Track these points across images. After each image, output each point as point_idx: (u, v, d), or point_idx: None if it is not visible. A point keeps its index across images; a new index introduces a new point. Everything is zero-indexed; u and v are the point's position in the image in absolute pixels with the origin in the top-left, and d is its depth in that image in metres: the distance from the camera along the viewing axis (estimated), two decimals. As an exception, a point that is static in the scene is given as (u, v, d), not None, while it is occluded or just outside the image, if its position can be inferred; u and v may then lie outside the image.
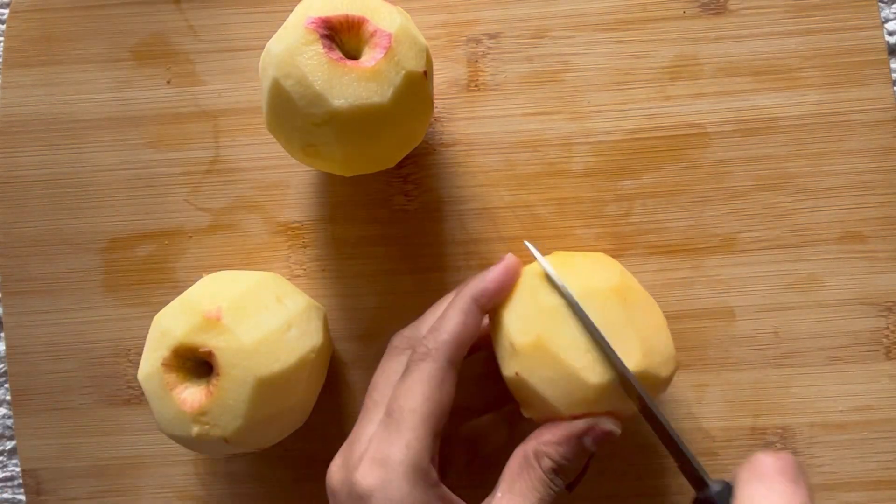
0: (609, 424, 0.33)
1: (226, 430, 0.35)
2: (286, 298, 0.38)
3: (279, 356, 0.36)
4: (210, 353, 0.35)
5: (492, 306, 0.36)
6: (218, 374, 0.35)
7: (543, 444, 0.33)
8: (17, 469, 0.45)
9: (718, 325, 0.43)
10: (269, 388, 0.35)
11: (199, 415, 0.35)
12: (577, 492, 0.42)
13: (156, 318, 0.38)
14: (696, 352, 0.42)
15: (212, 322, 0.35)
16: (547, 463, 0.33)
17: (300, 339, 0.37)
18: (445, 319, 0.35)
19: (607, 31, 0.44)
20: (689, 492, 0.42)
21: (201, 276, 0.40)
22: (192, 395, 0.36)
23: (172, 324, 0.36)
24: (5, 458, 0.46)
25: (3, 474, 0.46)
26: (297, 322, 0.37)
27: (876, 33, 0.43)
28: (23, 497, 0.44)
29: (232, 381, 0.35)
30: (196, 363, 0.36)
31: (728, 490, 0.31)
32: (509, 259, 0.36)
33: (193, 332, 0.35)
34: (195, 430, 0.35)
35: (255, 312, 0.36)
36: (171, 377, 0.36)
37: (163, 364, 0.36)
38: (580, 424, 0.33)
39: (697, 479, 0.33)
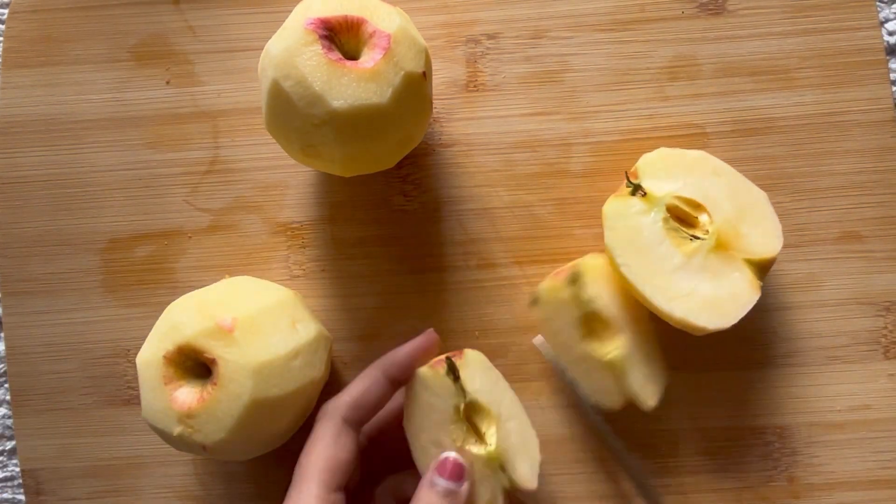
0: (444, 454, 0.37)
1: (207, 438, 0.35)
2: (300, 324, 0.38)
3: (279, 382, 0.36)
4: (213, 361, 0.35)
5: (405, 377, 0.38)
6: (215, 384, 0.35)
7: None
8: (17, 469, 0.45)
9: (717, 324, 0.43)
10: (261, 410, 0.35)
11: (186, 416, 0.35)
12: (575, 492, 0.42)
13: (169, 309, 0.37)
14: (695, 352, 0.42)
15: (223, 332, 0.35)
16: None
17: (303, 369, 0.37)
18: (350, 385, 0.38)
19: (606, 31, 0.44)
20: (690, 490, 0.43)
21: (224, 277, 0.40)
22: (184, 394, 0.36)
23: (184, 321, 0.36)
24: (5, 458, 0.46)
25: (3, 474, 0.46)
26: (304, 351, 0.37)
27: (874, 33, 0.43)
28: (23, 497, 0.44)
29: (227, 394, 0.35)
30: (196, 363, 0.36)
31: None
32: (428, 335, 0.39)
33: (203, 335, 0.35)
34: (178, 429, 0.35)
35: (267, 333, 0.36)
36: (170, 371, 0.36)
37: (164, 357, 0.36)
38: (429, 469, 0.37)
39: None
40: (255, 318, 0.36)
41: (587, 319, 0.39)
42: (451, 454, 0.37)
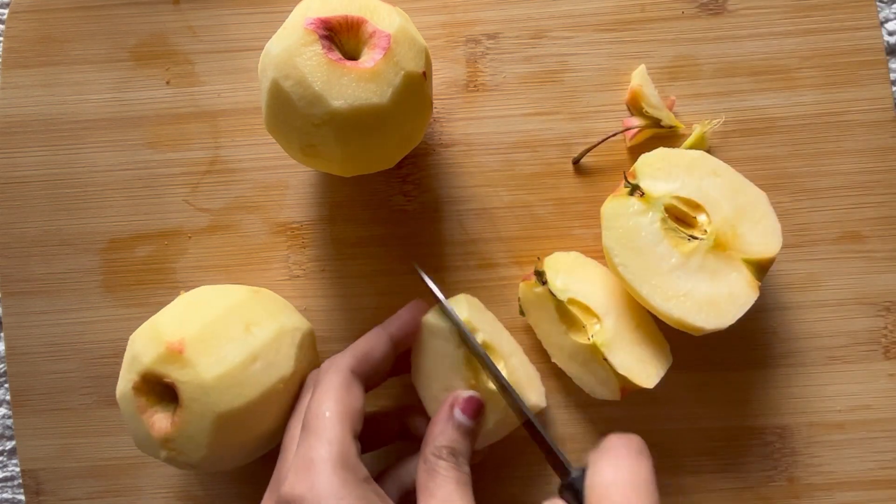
0: (466, 392, 0.37)
1: (191, 457, 0.35)
2: (256, 327, 0.37)
3: (241, 391, 0.35)
4: (173, 385, 0.35)
5: (406, 338, 0.39)
6: (181, 406, 0.35)
7: (430, 441, 0.36)
8: (17, 469, 0.45)
9: (717, 324, 0.43)
10: (231, 423, 0.35)
11: (166, 441, 0.35)
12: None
13: (131, 339, 0.37)
14: (695, 352, 0.42)
15: (174, 354, 0.35)
16: (442, 452, 0.35)
17: (265, 371, 0.36)
18: (354, 344, 0.38)
19: (606, 31, 0.44)
20: (690, 490, 0.43)
21: (180, 293, 0.40)
22: (160, 420, 0.36)
23: (141, 349, 0.36)
24: (5, 458, 0.46)
25: (3, 474, 0.46)
26: (263, 353, 0.37)
27: (874, 34, 0.43)
28: (23, 497, 0.44)
29: (193, 414, 0.35)
30: (165, 387, 0.36)
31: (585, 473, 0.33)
32: (418, 302, 0.40)
33: (158, 361, 0.35)
34: (163, 454, 0.36)
35: (218, 345, 0.36)
36: (142, 400, 0.36)
37: (133, 388, 0.36)
38: (444, 404, 0.37)
39: (561, 467, 0.35)
40: (204, 332, 0.36)
41: (567, 311, 0.39)
42: (470, 392, 0.37)
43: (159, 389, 0.36)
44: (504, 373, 0.38)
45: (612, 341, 0.38)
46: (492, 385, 0.38)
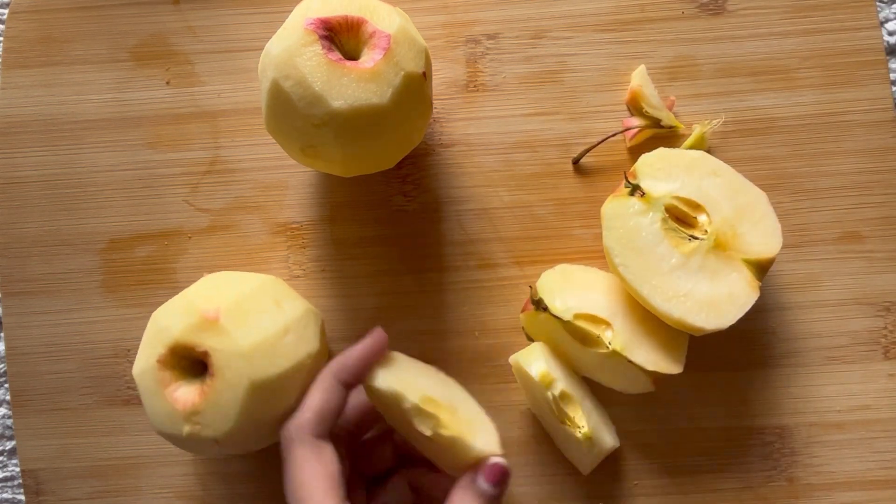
0: (493, 459, 0.35)
1: (217, 431, 0.35)
2: (285, 303, 0.38)
3: (275, 360, 0.36)
4: (206, 354, 0.35)
5: (358, 380, 0.36)
6: (212, 375, 0.35)
7: None
8: (17, 469, 0.45)
9: (717, 324, 0.43)
10: (262, 392, 0.35)
11: (192, 414, 0.35)
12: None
13: (154, 315, 0.38)
14: (694, 352, 0.42)
15: (209, 322, 0.35)
16: None
17: (297, 344, 0.37)
18: (307, 399, 0.36)
19: (606, 31, 0.44)
20: (690, 490, 0.43)
21: (202, 275, 0.40)
22: (185, 394, 0.36)
23: (170, 322, 0.36)
24: (5, 458, 0.46)
25: (3, 474, 0.46)
26: (294, 327, 0.37)
27: (874, 34, 0.43)
28: (23, 497, 0.44)
29: (226, 382, 0.35)
30: (191, 362, 0.36)
31: None
32: (376, 334, 0.37)
33: (191, 331, 0.35)
34: (186, 429, 0.35)
35: (253, 315, 0.36)
36: (166, 375, 0.36)
37: (158, 361, 0.36)
38: (468, 473, 0.35)
39: None
40: (238, 305, 0.36)
41: (576, 328, 0.39)
42: (500, 460, 0.35)
43: (185, 364, 0.36)
44: (582, 418, 0.39)
45: (630, 342, 0.38)
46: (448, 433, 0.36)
